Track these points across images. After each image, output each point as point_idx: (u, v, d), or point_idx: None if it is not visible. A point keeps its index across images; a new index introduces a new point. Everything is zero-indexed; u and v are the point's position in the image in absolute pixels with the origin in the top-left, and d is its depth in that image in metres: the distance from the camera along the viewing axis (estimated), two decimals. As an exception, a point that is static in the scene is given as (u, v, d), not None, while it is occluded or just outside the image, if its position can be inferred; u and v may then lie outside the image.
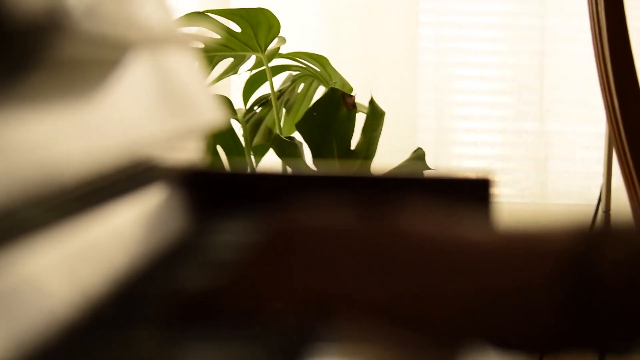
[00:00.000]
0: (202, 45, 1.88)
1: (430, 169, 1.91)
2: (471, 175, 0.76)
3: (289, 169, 1.82)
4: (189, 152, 0.83)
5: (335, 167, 0.71)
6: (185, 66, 0.82)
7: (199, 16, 1.93)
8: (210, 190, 0.80)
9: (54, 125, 0.48)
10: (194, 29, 1.92)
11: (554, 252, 0.47)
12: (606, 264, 0.46)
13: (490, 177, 0.76)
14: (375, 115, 1.91)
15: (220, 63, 1.98)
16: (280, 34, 1.96)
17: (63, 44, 0.48)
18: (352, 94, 1.90)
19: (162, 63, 0.75)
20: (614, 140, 1.68)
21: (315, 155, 1.87)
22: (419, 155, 1.89)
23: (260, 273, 0.49)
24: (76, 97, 0.54)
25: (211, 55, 1.94)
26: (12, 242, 0.43)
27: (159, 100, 0.71)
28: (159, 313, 0.49)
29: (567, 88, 2.75)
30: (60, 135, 0.49)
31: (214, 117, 0.84)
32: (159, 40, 0.73)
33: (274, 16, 1.92)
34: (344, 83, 2.01)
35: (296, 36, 2.55)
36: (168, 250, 0.67)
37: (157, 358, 0.45)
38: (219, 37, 1.92)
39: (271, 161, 1.99)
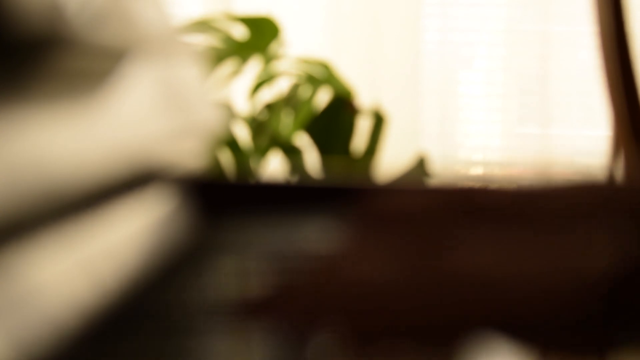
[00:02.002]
0: (205, 50, 1.88)
1: (432, 173, 1.91)
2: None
3: (292, 177, 1.82)
4: (192, 158, 0.83)
5: (339, 175, 0.72)
6: (187, 72, 0.82)
7: (204, 22, 1.94)
8: (215, 198, 0.81)
9: (56, 133, 0.49)
10: (197, 35, 1.93)
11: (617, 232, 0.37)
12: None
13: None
14: (379, 119, 1.91)
15: (223, 68, 1.98)
16: (284, 39, 1.97)
17: (65, 52, 0.49)
18: (356, 98, 1.91)
19: (165, 69, 0.75)
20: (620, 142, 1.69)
21: (319, 160, 1.87)
22: (421, 160, 1.90)
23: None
24: (79, 105, 0.54)
25: (214, 59, 1.95)
26: (15, 248, 0.43)
27: (162, 107, 0.71)
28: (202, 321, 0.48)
29: (569, 93, 2.76)
30: (63, 143, 0.49)
31: (217, 121, 0.85)
32: (160, 46, 0.74)
33: (277, 22, 1.93)
34: (348, 88, 2.02)
35: (300, 41, 2.56)
36: (172, 258, 0.68)
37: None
38: (222, 42, 1.92)
39: (273, 165, 2.00)
